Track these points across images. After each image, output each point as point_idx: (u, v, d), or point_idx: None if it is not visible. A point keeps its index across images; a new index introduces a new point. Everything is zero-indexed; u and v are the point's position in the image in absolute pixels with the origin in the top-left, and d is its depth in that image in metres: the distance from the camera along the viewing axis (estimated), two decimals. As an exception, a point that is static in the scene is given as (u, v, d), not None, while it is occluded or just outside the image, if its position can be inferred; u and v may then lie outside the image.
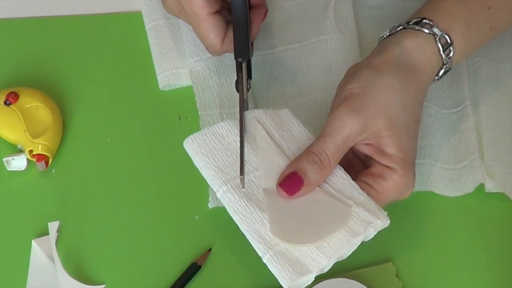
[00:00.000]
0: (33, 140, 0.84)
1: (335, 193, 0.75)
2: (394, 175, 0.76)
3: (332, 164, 0.75)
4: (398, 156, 0.76)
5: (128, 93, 0.89)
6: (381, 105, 0.75)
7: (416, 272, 0.81)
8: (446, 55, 0.79)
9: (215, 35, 0.83)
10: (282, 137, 0.78)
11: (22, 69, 0.90)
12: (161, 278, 0.80)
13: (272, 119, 0.79)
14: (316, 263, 0.72)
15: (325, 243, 0.73)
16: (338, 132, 0.75)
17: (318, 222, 0.74)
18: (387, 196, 0.76)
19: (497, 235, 0.83)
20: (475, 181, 0.84)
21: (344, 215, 0.73)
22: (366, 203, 0.74)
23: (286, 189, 0.74)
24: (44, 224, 0.81)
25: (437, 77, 0.80)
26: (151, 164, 0.86)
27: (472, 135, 0.86)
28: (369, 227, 0.73)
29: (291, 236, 0.73)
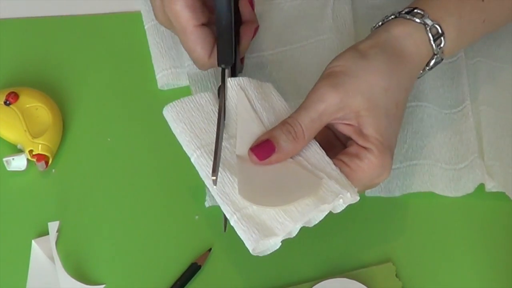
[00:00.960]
0: (33, 140, 0.84)
1: (308, 166, 0.75)
2: (370, 156, 0.75)
3: (306, 137, 0.75)
4: (375, 137, 0.75)
5: (128, 93, 0.90)
6: (361, 85, 0.75)
7: (416, 272, 0.81)
8: (436, 45, 0.78)
9: (201, 47, 0.82)
10: (263, 107, 0.78)
11: (22, 69, 0.90)
12: (161, 278, 0.80)
13: (255, 89, 0.79)
14: (282, 226, 0.72)
15: (293, 207, 0.72)
16: (315, 106, 0.75)
17: (287, 188, 0.74)
18: (361, 176, 0.75)
19: (497, 235, 0.83)
20: (475, 181, 0.84)
21: (315, 185, 0.73)
22: (338, 178, 0.74)
23: (257, 154, 0.74)
24: (44, 224, 0.82)
25: (428, 67, 0.80)
26: (151, 164, 0.86)
27: (472, 135, 0.86)
28: (338, 198, 0.73)
29: (259, 198, 0.73)
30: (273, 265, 0.81)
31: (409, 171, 0.85)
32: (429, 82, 0.89)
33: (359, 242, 0.82)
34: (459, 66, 0.89)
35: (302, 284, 0.80)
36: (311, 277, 0.80)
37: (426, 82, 0.89)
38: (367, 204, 0.84)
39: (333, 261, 0.81)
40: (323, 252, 0.82)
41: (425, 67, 0.80)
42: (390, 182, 0.85)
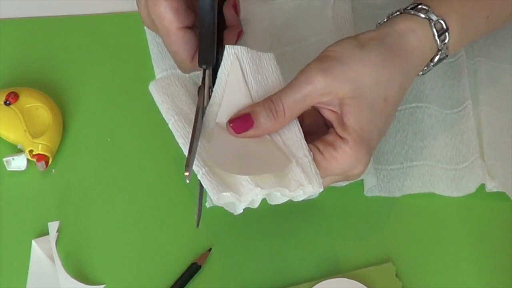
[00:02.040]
0: (33, 140, 0.84)
1: (282, 147, 0.74)
2: (345, 146, 0.74)
3: (287, 116, 0.74)
4: (353, 128, 0.74)
5: (128, 93, 0.90)
6: (351, 73, 0.74)
7: (416, 272, 0.81)
8: (441, 41, 0.77)
9: (184, 50, 0.81)
10: (255, 80, 0.77)
11: (22, 69, 0.90)
12: (161, 278, 0.80)
13: (252, 60, 0.78)
14: (246, 189, 0.72)
15: (257, 178, 0.72)
16: (300, 87, 0.74)
17: (256, 162, 0.73)
18: (333, 165, 0.74)
19: (497, 235, 0.83)
20: (477, 181, 0.84)
21: (283, 165, 0.73)
22: (306, 166, 0.73)
23: (234, 127, 0.74)
24: (44, 224, 0.82)
25: (432, 63, 0.79)
26: (151, 164, 0.86)
27: (473, 134, 0.86)
28: (299, 189, 0.73)
29: (226, 165, 0.73)
30: (273, 265, 0.81)
31: (409, 172, 0.85)
32: (429, 83, 0.89)
33: (359, 242, 0.82)
34: (460, 66, 0.89)
35: (302, 284, 0.80)
36: (311, 277, 0.80)
37: (426, 83, 0.89)
38: (367, 204, 0.84)
39: (333, 261, 0.81)
40: (323, 252, 0.82)
41: (429, 63, 0.79)
42: (390, 182, 0.85)
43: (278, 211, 0.84)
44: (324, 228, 0.83)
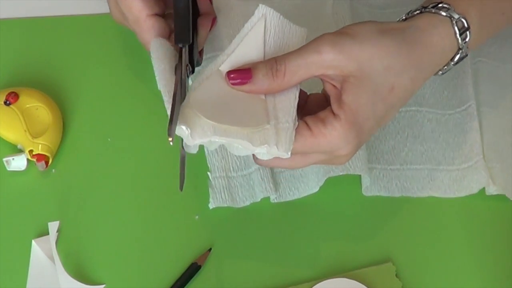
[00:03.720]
0: (33, 140, 0.84)
1: (270, 109, 0.73)
2: (335, 123, 0.72)
3: (286, 79, 0.72)
4: (349, 106, 0.72)
5: (128, 93, 0.90)
6: (361, 53, 0.72)
7: (416, 272, 0.81)
8: (462, 40, 0.75)
9: (156, 37, 0.80)
10: (274, 44, 0.76)
11: (22, 69, 0.90)
12: (161, 278, 0.80)
13: (279, 26, 0.77)
14: (201, 135, 0.71)
15: (224, 127, 0.72)
16: (307, 53, 0.72)
17: (231, 113, 0.73)
18: (320, 142, 0.72)
19: (497, 236, 0.83)
20: (480, 183, 0.84)
21: (255, 124, 0.72)
22: (283, 130, 0.72)
23: (232, 77, 0.73)
24: (44, 224, 0.82)
25: (452, 63, 0.77)
26: (151, 164, 0.86)
27: (477, 135, 0.86)
28: (263, 147, 0.71)
29: (201, 107, 0.72)
30: (273, 265, 0.81)
31: (409, 174, 0.85)
32: (430, 87, 0.89)
33: (359, 242, 0.82)
34: (463, 66, 0.89)
35: (302, 284, 0.80)
36: (311, 277, 0.80)
37: (427, 87, 0.88)
38: (367, 204, 0.84)
39: (333, 261, 0.81)
40: (323, 252, 0.82)
41: (449, 63, 0.77)
42: (390, 182, 0.85)
43: (278, 211, 0.84)
44: (324, 228, 0.83)
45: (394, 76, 0.73)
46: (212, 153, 0.85)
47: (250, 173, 0.84)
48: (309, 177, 0.84)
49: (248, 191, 0.84)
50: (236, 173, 0.84)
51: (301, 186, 0.84)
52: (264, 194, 0.83)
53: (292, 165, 0.75)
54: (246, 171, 0.84)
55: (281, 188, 0.84)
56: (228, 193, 0.83)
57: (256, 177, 0.84)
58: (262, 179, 0.83)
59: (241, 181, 0.84)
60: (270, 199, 0.84)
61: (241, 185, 0.84)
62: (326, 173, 0.82)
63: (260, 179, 0.83)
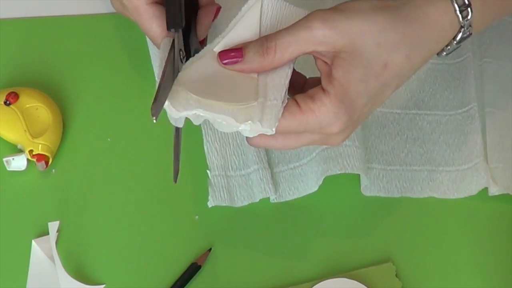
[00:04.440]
0: (33, 140, 0.84)
1: (261, 87, 0.72)
2: (325, 98, 0.70)
3: (277, 57, 0.71)
4: (339, 82, 0.70)
5: (128, 93, 0.90)
6: (353, 28, 0.70)
7: (416, 272, 0.81)
8: (463, 17, 0.72)
9: (157, 25, 0.80)
10: (271, 27, 0.75)
11: (22, 69, 0.90)
12: (161, 278, 0.80)
13: (278, 8, 0.75)
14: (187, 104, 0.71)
15: (209, 101, 0.71)
16: (298, 30, 0.70)
17: (219, 90, 0.72)
18: (309, 118, 0.70)
19: (497, 236, 0.83)
20: (479, 184, 0.84)
21: (242, 100, 0.71)
22: (270, 108, 0.70)
23: (223, 57, 0.72)
24: (44, 224, 0.81)
25: (455, 41, 0.74)
26: (151, 164, 0.86)
27: (478, 137, 0.86)
28: (247, 123, 0.70)
29: (190, 84, 0.72)
30: (273, 265, 0.81)
31: (409, 175, 0.85)
32: (431, 87, 0.88)
33: (359, 242, 0.82)
34: (467, 67, 0.88)
35: (302, 284, 0.80)
36: (311, 277, 0.80)
37: (426, 90, 0.88)
38: (367, 204, 0.84)
39: (333, 261, 0.81)
40: (323, 252, 0.82)
41: (452, 42, 0.74)
42: (389, 183, 0.85)
43: (278, 211, 0.84)
44: (324, 228, 0.83)
45: (387, 53, 0.71)
46: (212, 152, 0.85)
47: (249, 173, 0.84)
48: (308, 176, 0.84)
49: (246, 191, 0.84)
50: (234, 172, 0.84)
51: (301, 185, 0.84)
52: (263, 195, 0.83)
53: (285, 145, 0.73)
54: (245, 171, 0.84)
55: (281, 188, 0.84)
56: (227, 192, 0.83)
57: (255, 178, 0.84)
58: (261, 179, 0.83)
59: (239, 181, 0.84)
60: (270, 199, 0.84)
61: (240, 185, 0.84)
62: (325, 172, 0.82)
63: (259, 180, 0.83)
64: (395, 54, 0.71)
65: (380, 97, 0.72)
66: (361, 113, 0.72)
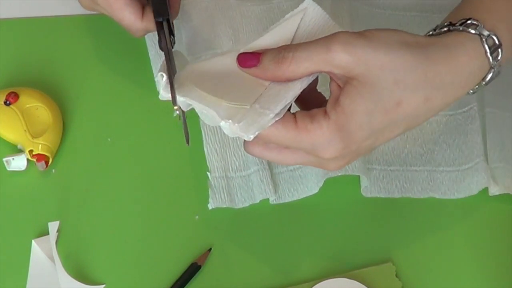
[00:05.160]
0: (33, 140, 0.84)
1: (264, 95, 0.71)
2: (323, 121, 0.68)
3: (291, 68, 0.69)
4: (342, 109, 0.68)
5: (128, 93, 0.90)
6: (374, 60, 0.67)
7: (416, 272, 0.81)
8: (493, 58, 0.71)
9: (129, 12, 0.80)
10: (305, 39, 0.73)
11: (22, 69, 0.90)
12: (161, 278, 0.80)
13: (319, 23, 0.74)
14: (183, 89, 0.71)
15: (204, 94, 0.71)
16: (317, 47, 0.68)
17: (222, 88, 0.71)
18: (302, 137, 0.69)
19: (497, 236, 0.83)
20: (480, 184, 0.84)
21: (235, 100, 0.70)
22: (258, 116, 0.69)
23: (241, 59, 0.71)
24: (44, 224, 0.81)
25: (484, 83, 0.72)
26: (151, 164, 0.86)
27: (478, 137, 0.86)
28: (226, 121, 0.69)
29: (193, 75, 0.72)
30: (273, 265, 0.81)
31: (409, 175, 0.85)
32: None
33: (359, 242, 0.82)
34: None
35: (302, 284, 0.80)
36: (311, 277, 0.80)
37: None
38: (367, 204, 0.84)
39: (333, 261, 0.81)
40: (323, 252, 0.82)
41: (481, 82, 0.72)
42: (390, 183, 0.85)
43: (278, 211, 0.84)
44: (324, 228, 0.83)
45: (403, 91, 0.68)
46: (212, 153, 0.85)
47: (249, 174, 0.84)
48: (308, 178, 0.84)
49: (247, 192, 0.84)
50: (235, 173, 0.84)
51: (300, 187, 0.84)
52: (263, 196, 0.83)
53: (279, 159, 0.72)
54: (245, 172, 0.84)
55: (280, 190, 0.84)
56: (227, 193, 0.83)
57: (255, 179, 0.84)
58: (261, 180, 0.83)
59: (240, 182, 0.84)
60: (269, 201, 0.84)
61: (240, 186, 0.84)
62: (325, 174, 0.82)
63: (259, 181, 0.83)
64: (412, 94, 0.68)
65: (386, 134, 0.70)
66: (360, 146, 0.70)
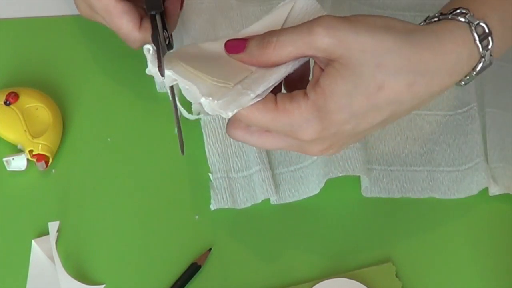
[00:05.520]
0: (33, 140, 0.84)
1: (248, 77, 0.71)
2: (302, 101, 0.67)
3: (275, 52, 0.69)
4: (322, 90, 0.67)
5: (128, 93, 0.90)
6: (355, 42, 0.66)
7: (416, 272, 0.81)
8: (483, 47, 0.69)
9: (127, 20, 0.80)
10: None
11: (22, 69, 0.90)
12: (161, 278, 0.80)
13: (311, 13, 0.74)
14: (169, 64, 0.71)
15: (190, 69, 0.71)
16: (300, 31, 0.68)
17: (208, 66, 0.72)
18: (281, 117, 0.68)
19: (497, 236, 0.83)
20: (480, 184, 0.84)
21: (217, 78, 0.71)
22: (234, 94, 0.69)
23: (228, 45, 0.71)
24: (44, 224, 0.81)
25: (474, 72, 0.71)
26: (151, 164, 0.86)
27: (478, 137, 0.86)
28: (206, 98, 0.69)
29: (182, 53, 0.73)
30: (273, 265, 0.81)
31: (409, 175, 0.85)
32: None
33: (359, 242, 0.82)
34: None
35: (302, 284, 0.80)
36: (311, 277, 0.80)
37: None
38: (367, 204, 0.84)
39: (333, 261, 0.81)
40: (323, 252, 0.82)
41: (471, 72, 0.71)
42: (390, 183, 0.85)
43: (278, 211, 0.84)
44: (324, 228, 0.83)
45: (385, 75, 0.67)
46: (213, 154, 0.85)
47: (251, 174, 0.84)
48: (309, 179, 0.84)
49: (249, 192, 0.84)
50: (237, 174, 0.84)
51: (301, 188, 0.84)
52: (265, 195, 0.83)
53: (260, 143, 0.72)
54: (247, 172, 0.84)
55: (281, 190, 0.84)
56: (229, 194, 0.83)
57: (257, 178, 0.84)
58: (263, 180, 0.83)
59: (242, 182, 0.84)
60: (270, 201, 0.84)
61: (242, 186, 0.84)
62: (326, 175, 0.82)
63: (261, 181, 0.83)
64: (394, 79, 0.67)
65: (368, 118, 0.69)
66: (340, 129, 0.69)
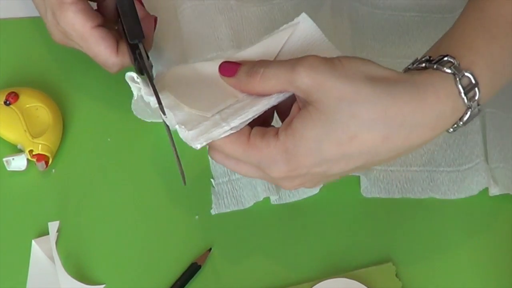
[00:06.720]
0: (33, 140, 0.84)
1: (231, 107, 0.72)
2: (271, 141, 0.68)
3: (261, 84, 0.70)
4: (292, 132, 0.68)
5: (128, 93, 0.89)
6: (333, 89, 0.66)
7: (416, 272, 0.81)
8: (469, 99, 0.68)
9: (105, 46, 0.81)
10: (293, 54, 0.74)
11: (22, 69, 0.90)
12: (161, 278, 0.80)
13: (311, 40, 0.75)
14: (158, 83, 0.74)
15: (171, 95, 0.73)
16: (285, 67, 0.69)
17: (192, 90, 0.74)
18: (250, 152, 0.69)
19: (497, 236, 0.83)
20: (480, 184, 0.84)
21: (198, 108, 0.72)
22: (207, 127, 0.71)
23: (221, 67, 0.72)
24: (44, 224, 0.81)
25: (462, 122, 0.70)
26: (151, 164, 0.86)
27: (478, 137, 0.86)
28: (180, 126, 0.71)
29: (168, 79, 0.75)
30: (273, 265, 0.81)
31: (409, 176, 0.85)
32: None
33: (359, 242, 0.82)
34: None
35: (302, 284, 0.80)
36: (311, 277, 0.80)
37: None
38: (367, 204, 0.84)
39: (333, 261, 0.81)
40: (323, 252, 0.82)
41: (458, 122, 0.70)
42: (390, 184, 0.85)
43: (278, 212, 0.84)
44: (324, 228, 0.83)
45: (358, 126, 0.67)
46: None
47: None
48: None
49: (251, 190, 0.84)
50: (238, 175, 0.84)
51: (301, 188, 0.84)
52: (266, 193, 0.83)
53: (237, 169, 0.73)
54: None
55: (282, 190, 0.84)
56: (232, 196, 0.84)
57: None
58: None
59: (244, 182, 0.84)
60: (270, 201, 0.84)
61: (245, 186, 0.84)
62: None
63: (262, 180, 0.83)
64: (367, 130, 0.67)
65: (341, 164, 0.69)
66: (311, 170, 0.69)
